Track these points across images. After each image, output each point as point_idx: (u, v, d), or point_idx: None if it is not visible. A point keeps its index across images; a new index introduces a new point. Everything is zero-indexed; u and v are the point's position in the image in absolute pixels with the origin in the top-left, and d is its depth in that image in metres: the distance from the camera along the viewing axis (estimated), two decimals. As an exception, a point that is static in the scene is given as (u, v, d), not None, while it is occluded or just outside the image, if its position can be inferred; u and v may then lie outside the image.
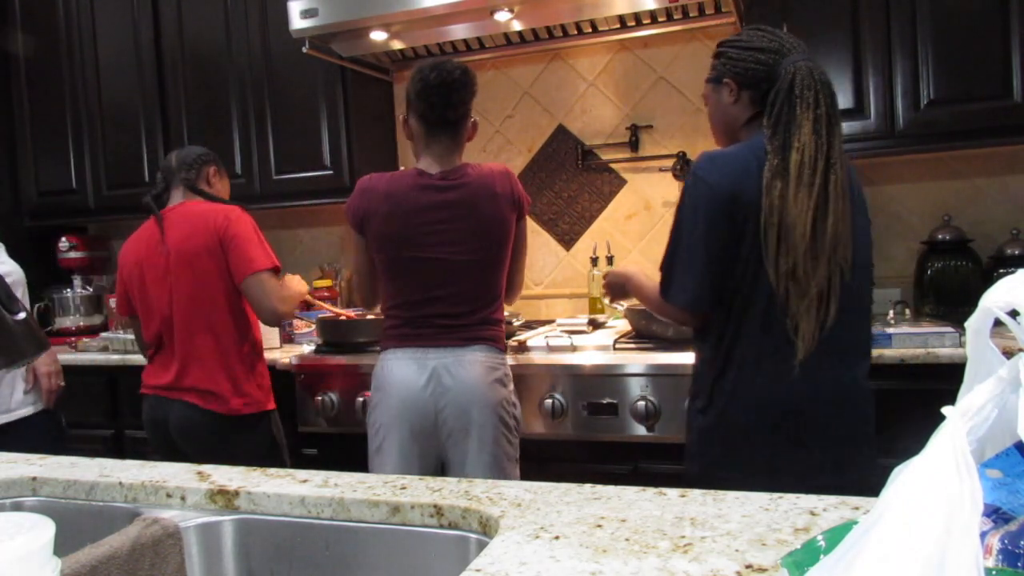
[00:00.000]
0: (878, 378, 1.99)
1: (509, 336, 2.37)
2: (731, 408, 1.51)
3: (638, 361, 2.12)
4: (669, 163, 2.81)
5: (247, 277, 2.06)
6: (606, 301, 2.12)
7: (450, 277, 1.82)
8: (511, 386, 1.90)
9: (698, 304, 1.51)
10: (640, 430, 2.10)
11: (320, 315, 2.69)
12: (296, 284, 2.26)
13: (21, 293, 2.42)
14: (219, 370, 2.10)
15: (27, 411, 2.41)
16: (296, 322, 2.83)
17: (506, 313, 2.62)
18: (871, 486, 1.52)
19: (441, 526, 0.94)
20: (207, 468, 1.15)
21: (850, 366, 1.53)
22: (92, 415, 2.88)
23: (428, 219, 1.81)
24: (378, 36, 2.59)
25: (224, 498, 1.05)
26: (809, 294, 1.43)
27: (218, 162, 2.30)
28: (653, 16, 2.58)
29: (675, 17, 2.57)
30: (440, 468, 1.87)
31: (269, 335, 2.68)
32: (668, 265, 1.55)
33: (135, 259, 2.18)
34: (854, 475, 1.50)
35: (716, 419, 1.53)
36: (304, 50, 2.62)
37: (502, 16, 2.47)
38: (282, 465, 2.11)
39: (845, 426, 1.52)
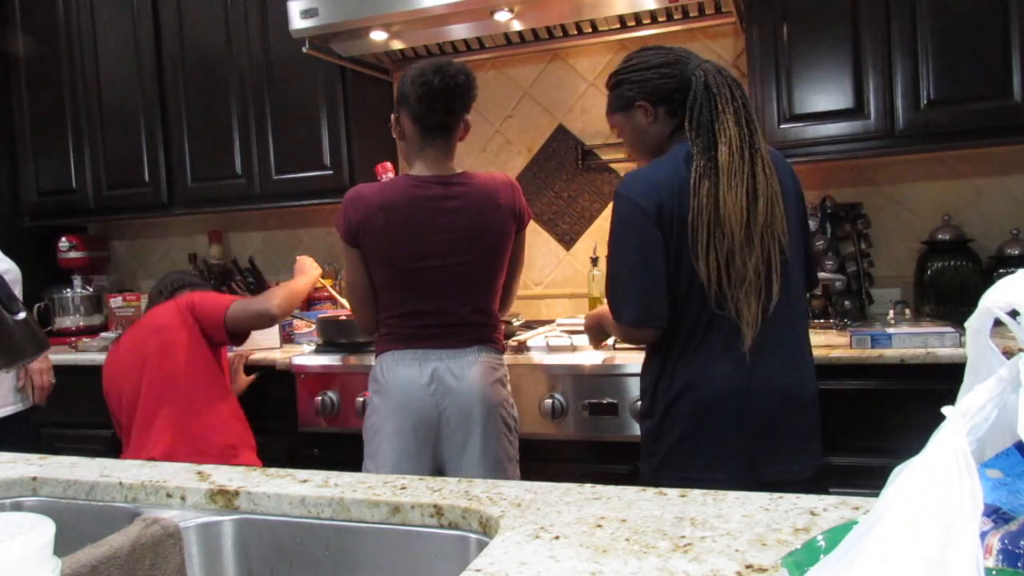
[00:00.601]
0: (878, 378, 2.00)
1: (509, 336, 2.37)
2: (679, 407, 1.54)
3: (638, 361, 2.11)
4: (669, 163, 2.81)
5: (223, 316, 2.18)
6: (592, 347, 2.13)
7: (451, 283, 1.81)
8: (509, 387, 1.91)
9: (653, 317, 1.52)
10: (640, 430, 2.10)
11: (320, 315, 2.69)
12: (309, 266, 2.31)
13: (19, 291, 2.44)
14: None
15: (14, 408, 2.44)
16: (296, 322, 2.83)
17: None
18: (816, 482, 1.53)
19: (441, 526, 0.94)
20: (207, 468, 1.15)
21: (788, 356, 1.55)
22: (92, 415, 2.87)
23: (429, 228, 1.78)
24: (378, 36, 2.59)
25: (224, 498, 1.05)
26: (747, 278, 1.46)
27: (200, 285, 2.42)
28: (653, 16, 2.58)
29: (675, 17, 2.57)
30: (437, 472, 1.85)
31: (269, 335, 2.68)
32: (614, 289, 1.57)
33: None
34: (800, 472, 1.52)
35: (661, 420, 1.57)
36: (304, 50, 2.62)
37: (502, 16, 2.47)
38: None
39: (787, 421, 1.53)
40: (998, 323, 0.52)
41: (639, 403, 2.06)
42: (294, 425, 2.46)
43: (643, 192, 1.50)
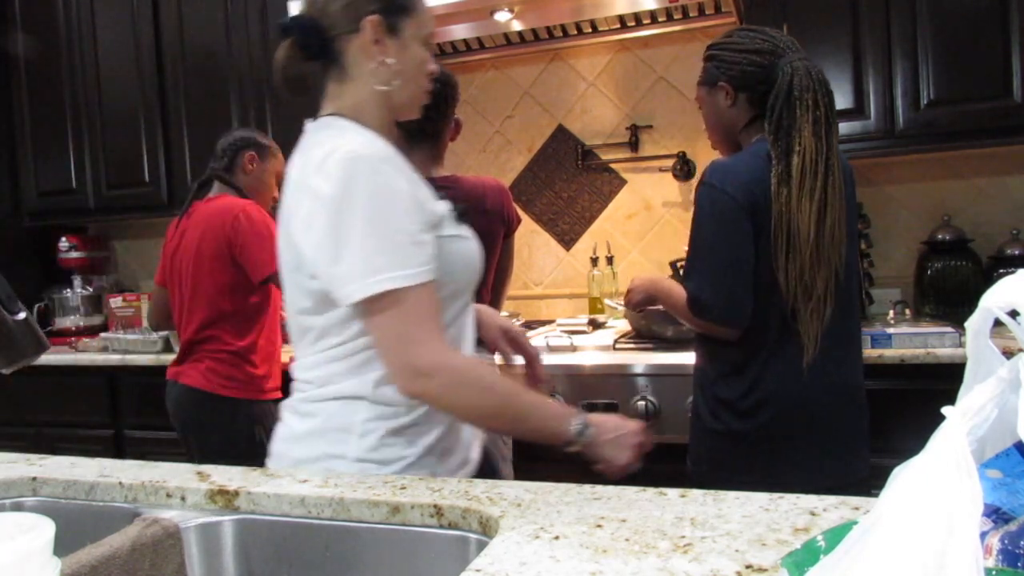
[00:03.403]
0: (878, 378, 1.99)
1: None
2: (746, 412, 1.52)
3: (638, 361, 2.12)
4: (669, 163, 2.81)
5: (265, 279, 2.15)
6: (615, 306, 2.09)
7: None
8: None
9: (741, 315, 1.49)
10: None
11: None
12: None
13: None
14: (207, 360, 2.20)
15: None
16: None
17: (505, 314, 2.62)
18: (867, 483, 1.53)
19: (441, 526, 0.94)
20: (207, 468, 1.15)
21: (851, 365, 1.54)
22: (92, 415, 2.88)
23: None
24: (378, 36, 2.58)
25: (224, 498, 1.05)
26: (815, 296, 1.44)
27: (257, 144, 2.32)
28: (653, 16, 2.58)
29: (675, 17, 2.57)
30: None
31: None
32: (700, 284, 1.51)
33: (170, 248, 2.32)
34: (858, 472, 1.53)
35: (731, 423, 1.53)
36: (304, 50, 2.62)
37: (502, 16, 2.46)
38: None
39: (850, 425, 1.54)
40: (998, 323, 0.52)
41: (641, 403, 2.07)
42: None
43: (736, 186, 1.47)
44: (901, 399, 1.94)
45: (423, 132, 1.80)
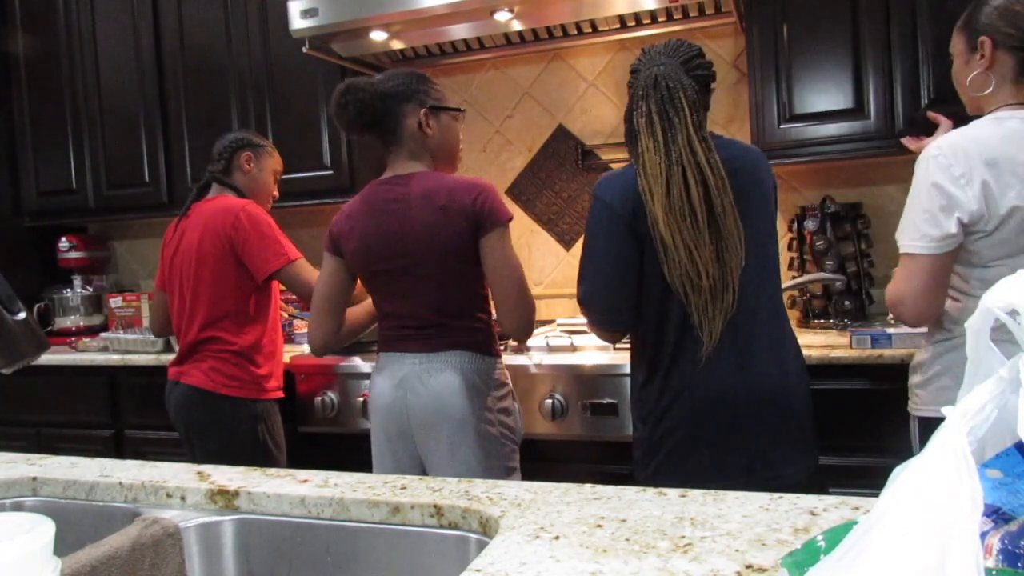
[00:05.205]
0: (878, 378, 2.00)
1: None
2: (660, 413, 1.55)
3: (638, 361, 2.12)
4: (669, 163, 2.81)
5: (269, 276, 2.16)
6: None
7: (408, 285, 1.76)
8: (500, 391, 1.79)
9: (622, 317, 1.58)
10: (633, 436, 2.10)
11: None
12: None
13: None
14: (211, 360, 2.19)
15: None
16: (296, 322, 2.83)
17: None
18: (798, 483, 1.53)
19: (441, 526, 0.94)
20: (207, 468, 1.15)
21: (769, 365, 1.54)
22: (92, 415, 2.88)
23: (375, 231, 1.77)
24: (378, 36, 2.59)
25: (224, 498, 1.05)
26: (703, 288, 1.48)
27: (252, 145, 2.33)
28: (653, 16, 2.58)
29: (675, 17, 2.57)
30: (422, 474, 1.82)
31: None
32: (585, 286, 1.59)
33: (169, 251, 2.31)
34: (769, 474, 1.52)
35: (652, 427, 1.57)
36: (304, 50, 2.62)
37: (502, 16, 2.46)
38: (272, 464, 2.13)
39: (766, 427, 1.53)
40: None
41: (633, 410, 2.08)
42: (294, 425, 2.46)
43: (615, 196, 1.58)
44: (901, 399, 1.94)
45: (382, 139, 1.83)
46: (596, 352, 2.22)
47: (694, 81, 1.52)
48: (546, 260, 3.02)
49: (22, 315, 0.89)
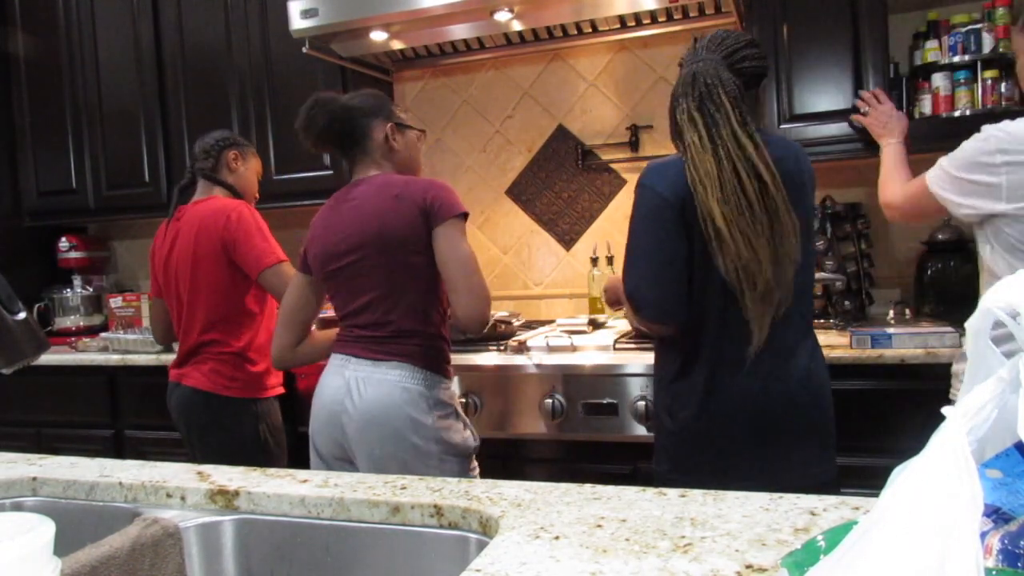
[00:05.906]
0: (878, 378, 2.00)
1: (509, 336, 2.36)
2: (695, 409, 1.52)
3: (638, 361, 2.12)
4: (669, 163, 2.81)
5: (259, 275, 2.16)
6: (609, 308, 2.11)
7: (362, 282, 1.75)
8: (441, 411, 1.71)
9: (676, 311, 1.51)
10: (640, 430, 2.10)
11: (321, 315, 2.68)
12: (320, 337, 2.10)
13: None
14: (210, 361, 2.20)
15: None
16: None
17: (505, 314, 2.62)
18: (826, 483, 1.52)
19: (441, 526, 0.94)
20: (207, 468, 1.15)
21: (809, 360, 1.54)
22: (92, 415, 2.88)
23: (331, 231, 1.78)
24: (378, 36, 2.59)
25: (224, 498, 1.05)
26: (759, 283, 1.44)
27: (239, 144, 2.34)
28: (653, 16, 2.58)
29: (675, 17, 2.57)
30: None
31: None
32: (635, 280, 1.53)
33: (161, 256, 2.31)
34: (814, 471, 1.51)
35: (683, 421, 1.54)
36: (304, 50, 2.62)
37: (502, 16, 2.46)
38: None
39: (805, 422, 1.52)
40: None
41: (641, 403, 2.08)
42: (294, 425, 2.46)
43: (666, 185, 1.51)
44: (901, 399, 1.94)
45: (348, 152, 1.84)
46: (596, 352, 2.22)
47: (738, 75, 1.48)
48: (546, 260, 3.02)
49: (22, 315, 0.89)
